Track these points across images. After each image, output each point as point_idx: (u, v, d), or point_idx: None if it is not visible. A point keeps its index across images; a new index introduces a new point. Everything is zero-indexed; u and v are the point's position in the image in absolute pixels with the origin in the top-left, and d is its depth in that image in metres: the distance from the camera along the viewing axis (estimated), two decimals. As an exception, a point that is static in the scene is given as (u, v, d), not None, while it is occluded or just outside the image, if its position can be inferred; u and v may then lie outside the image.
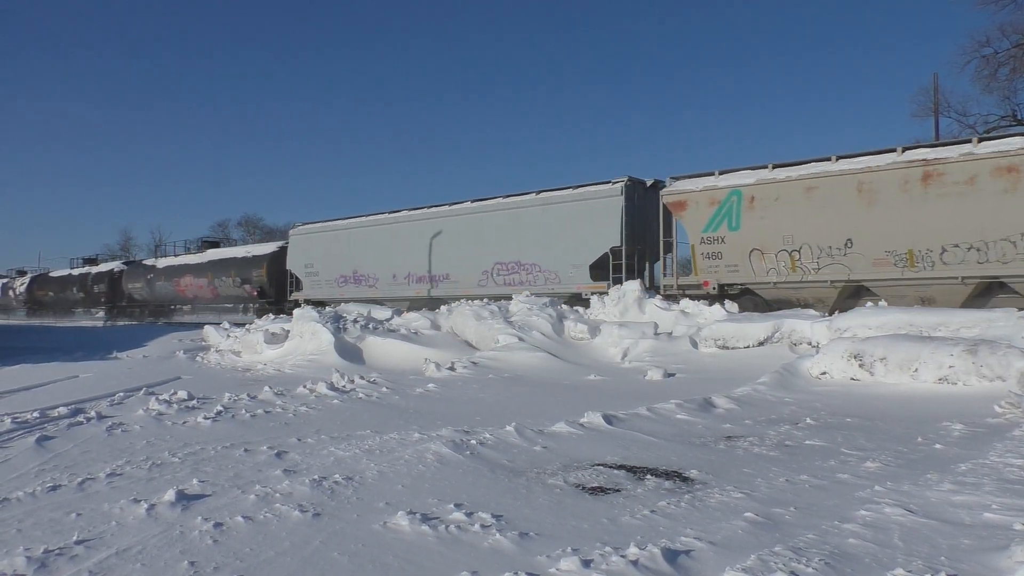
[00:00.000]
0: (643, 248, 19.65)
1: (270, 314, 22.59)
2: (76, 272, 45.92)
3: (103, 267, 43.68)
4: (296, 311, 15.89)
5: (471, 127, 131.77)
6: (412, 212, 25.10)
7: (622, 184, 19.24)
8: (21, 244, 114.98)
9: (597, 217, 19.36)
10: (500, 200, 22.35)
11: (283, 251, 30.32)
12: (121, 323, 38.11)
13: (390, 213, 26.09)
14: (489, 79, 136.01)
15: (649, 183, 19.79)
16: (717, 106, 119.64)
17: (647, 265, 20.36)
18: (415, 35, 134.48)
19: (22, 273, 57.76)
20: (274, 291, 30.18)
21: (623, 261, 18.68)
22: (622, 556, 3.28)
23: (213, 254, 34.97)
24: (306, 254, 28.61)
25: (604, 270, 19.18)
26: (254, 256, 31.54)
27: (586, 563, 3.22)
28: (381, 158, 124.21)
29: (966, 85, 48.54)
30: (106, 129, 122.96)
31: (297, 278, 28.94)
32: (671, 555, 3.31)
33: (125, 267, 41.50)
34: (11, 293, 53.34)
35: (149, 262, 39.97)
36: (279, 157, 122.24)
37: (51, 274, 51.19)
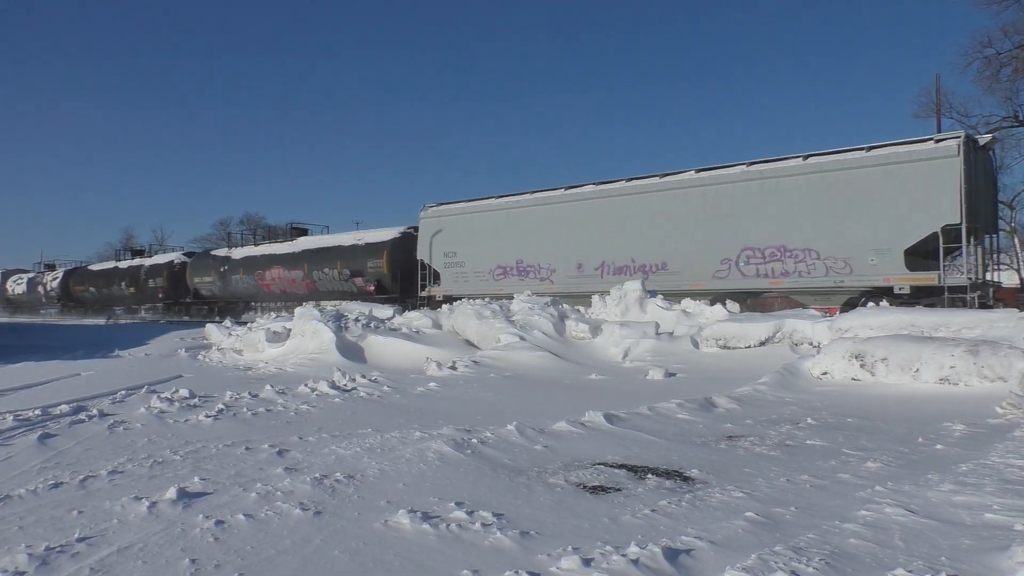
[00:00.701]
0: (979, 227, 15.63)
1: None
2: (124, 265, 41.34)
3: (159, 259, 39.24)
4: (298, 310, 15.87)
5: (473, 127, 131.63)
6: (605, 186, 20.26)
7: (958, 141, 14.92)
8: (22, 244, 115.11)
9: (917, 185, 15.11)
10: (744, 168, 17.70)
11: (408, 237, 25.45)
12: (183, 320, 34.70)
13: (569, 188, 21.12)
14: (489, 81, 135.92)
15: (983, 141, 16.07)
16: (718, 106, 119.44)
17: (978, 247, 16.04)
18: (416, 35, 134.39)
19: (51, 267, 54.06)
20: (397, 286, 25.43)
21: (963, 243, 14.53)
22: (623, 555, 3.28)
23: (308, 242, 30.08)
24: (446, 240, 23.59)
25: (924, 257, 15.24)
26: (369, 244, 26.44)
27: (587, 562, 3.23)
28: (382, 157, 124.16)
29: (968, 86, 48.64)
30: (107, 129, 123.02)
31: (433, 270, 24.10)
32: (672, 554, 3.31)
33: (188, 258, 37.14)
34: (40, 289, 49.47)
35: (220, 252, 35.31)
36: (280, 156, 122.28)
37: (91, 267, 46.60)
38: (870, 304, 13.55)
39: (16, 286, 53.84)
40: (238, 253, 33.28)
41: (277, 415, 7.55)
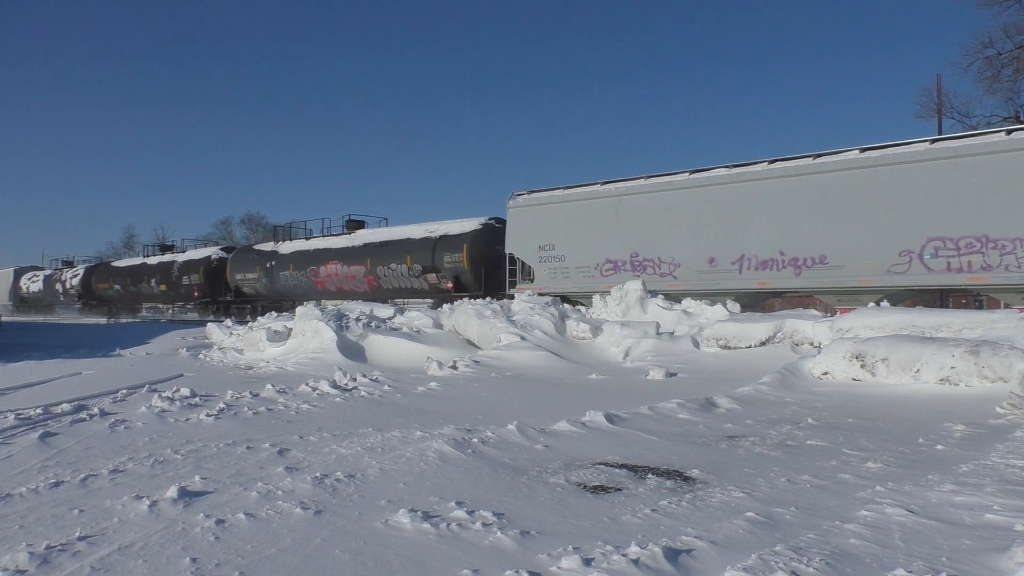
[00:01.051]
0: None
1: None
2: (154, 261, 38.34)
3: (194, 254, 36.33)
4: (299, 309, 15.87)
5: (475, 127, 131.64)
6: (745, 168, 17.94)
7: None
8: (23, 243, 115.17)
9: None
10: (927, 147, 15.44)
11: (491, 229, 22.98)
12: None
13: (696, 172, 18.80)
14: (490, 82, 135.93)
15: None
16: (718, 107, 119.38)
17: None
18: (417, 35, 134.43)
19: (69, 264, 50.54)
20: (480, 282, 22.74)
21: None
22: (623, 555, 3.28)
23: (370, 235, 27.54)
24: (541, 231, 21.05)
25: None
26: (445, 237, 23.91)
27: (587, 562, 3.23)
28: (384, 157, 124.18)
29: (969, 86, 48.56)
30: (108, 128, 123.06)
31: (525, 265, 21.68)
32: (672, 554, 3.31)
33: (227, 254, 34.27)
34: (58, 287, 46.45)
35: (265, 247, 32.19)
36: (282, 156, 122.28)
37: (115, 264, 43.80)
38: (871, 304, 13.55)
39: (31, 284, 51.28)
40: (287, 248, 30.18)
41: (278, 414, 7.56)
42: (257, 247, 33.32)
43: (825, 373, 9.54)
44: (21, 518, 4.02)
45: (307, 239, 30.67)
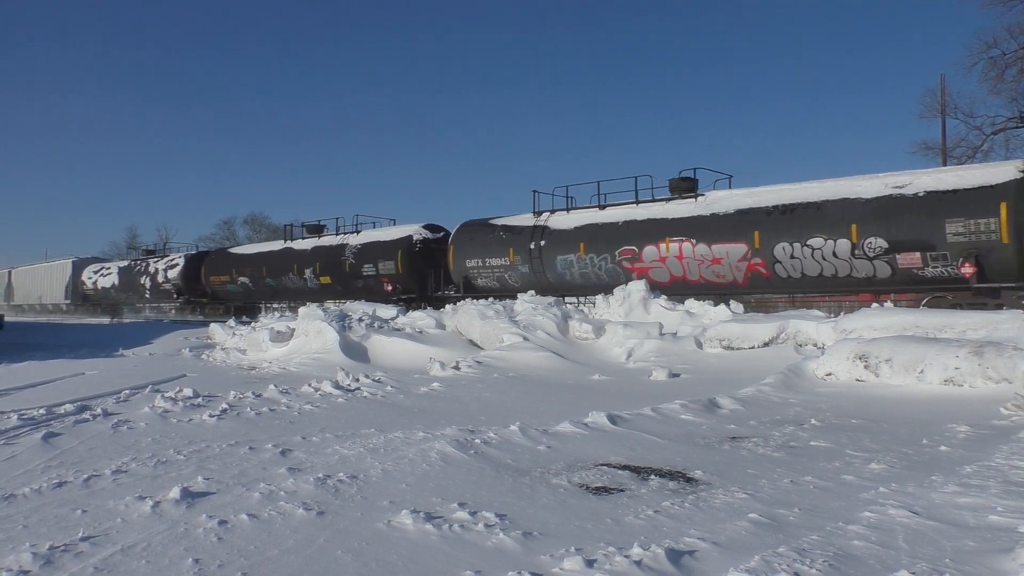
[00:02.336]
0: None
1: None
2: (304, 245, 29.27)
3: (380, 234, 26.63)
4: (302, 309, 15.88)
5: (477, 124, 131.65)
6: None
7: None
8: (24, 242, 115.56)
9: None
10: None
11: None
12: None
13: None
14: (493, 77, 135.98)
15: None
16: (719, 107, 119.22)
17: None
18: (419, 32, 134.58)
19: (150, 252, 41.79)
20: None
21: None
22: (626, 556, 3.28)
23: (739, 198, 18.40)
24: None
25: None
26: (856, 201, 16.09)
27: (590, 563, 3.23)
28: (386, 157, 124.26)
29: (973, 86, 48.44)
30: (109, 128, 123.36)
31: None
32: (675, 555, 3.31)
33: (436, 233, 25.52)
34: (143, 281, 37.70)
35: (514, 221, 22.66)
36: (283, 155, 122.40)
37: (234, 250, 35.09)
38: (874, 304, 13.52)
39: (100, 278, 42.47)
40: (562, 221, 21.14)
41: (280, 415, 7.56)
42: (498, 221, 23.24)
43: (829, 374, 9.52)
44: (24, 518, 4.03)
45: (600, 207, 21.11)
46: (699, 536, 3.61)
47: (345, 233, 28.52)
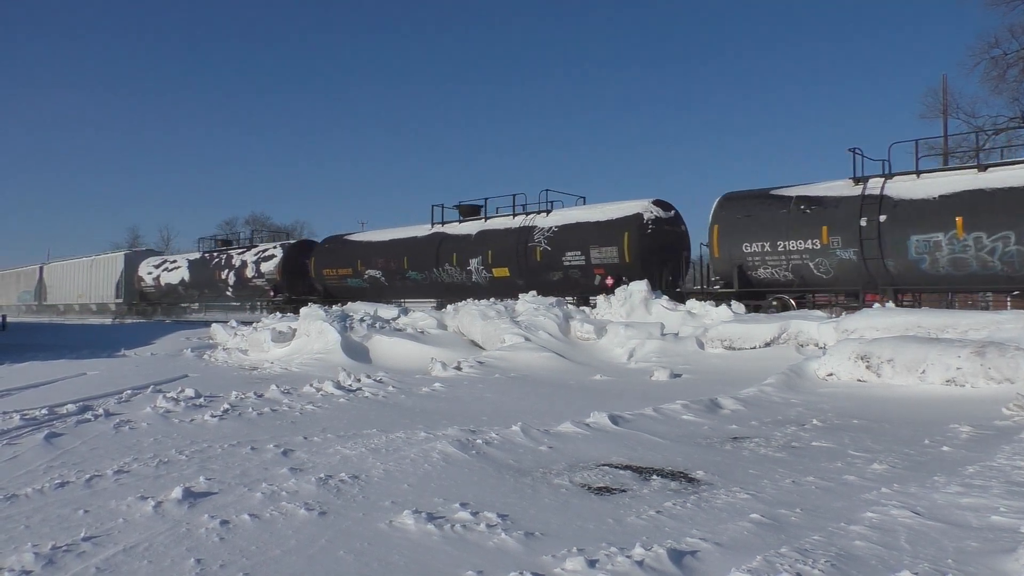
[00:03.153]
0: None
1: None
2: (466, 229, 23.50)
3: (592, 212, 20.80)
4: (303, 310, 15.88)
5: (479, 124, 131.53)
6: None
7: None
8: (24, 242, 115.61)
9: None
10: None
11: None
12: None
13: None
14: (496, 74, 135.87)
15: None
16: (721, 107, 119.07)
17: None
18: (421, 31, 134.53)
19: (227, 243, 35.42)
20: None
21: None
22: (627, 556, 3.28)
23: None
24: None
25: None
26: None
27: (591, 563, 3.22)
28: (387, 156, 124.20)
29: (975, 86, 48.33)
30: (110, 127, 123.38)
31: None
32: (677, 556, 3.30)
33: (664, 211, 19.83)
34: (227, 275, 31.46)
35: (832, 189, 16.77)
36: (285, 155, 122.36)
37: (354, 237, 28.03)
38: (876, 304, 13.51)
39: (164, 273, 36.02)
40: (913, 188, 15.49)
41: (282, 415, 7.57)
42: (792, 191, 17.44)
43: (830, 374, 9.51)
44: (27, 518, 4.03)
45: (981, 168, 15.15)
46: (701, 536, 3.61)
47: (530, 213, 22.42)
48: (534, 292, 18.25)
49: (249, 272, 30.54)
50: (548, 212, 22.08)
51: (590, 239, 20.12)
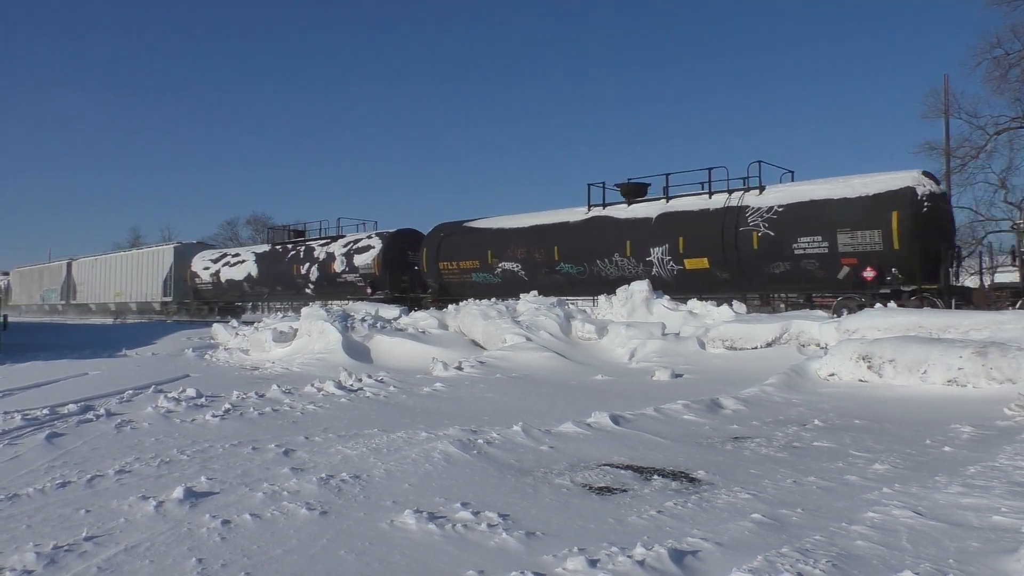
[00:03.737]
0: None
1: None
2: (643, 212, 19.69)
3: (835, 187, 16.71)
4: (304, 309, 15.88)
5: (480, 123, 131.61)
6: None
7: None
8: (23, 242, 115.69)
9: None
10: None
11: None
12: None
13: None
14: (496, 74, 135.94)
15: None
16: (722, 108, 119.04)
17: None
18: (421, 31, 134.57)
19: (299, 233, 31.48)
20: None
21: None
22: (628, 556, 3.28)
23: None
24: None
25: None
26: None
27: (592, 563, 3.22)
28: (389, 156, 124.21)
29: (977, 86, 48.29)
30: (111, 127, 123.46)
31: None
32: (678, 555, 3.30)
33: (935, 184, 16.52)
34: (307, 270, 27.47)
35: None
36: (286, 156, 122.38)
37: (478, 224, 23.48)
38: (878, 304, 13.50)
39: (225, 268, 32.21)
40: None
41: (283, 415, 7.57)
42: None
43: (832, 374, 9.51)
44: (28, 518, 4.04)
45: None
46: (702, 536, 3.61)
47: (734, 191, 18.37)
48: (750, 295, 16.14)
49: (338, 266, 26.30)
50: (761, 189, 18.08)
51: (836, 220, 16.30)
